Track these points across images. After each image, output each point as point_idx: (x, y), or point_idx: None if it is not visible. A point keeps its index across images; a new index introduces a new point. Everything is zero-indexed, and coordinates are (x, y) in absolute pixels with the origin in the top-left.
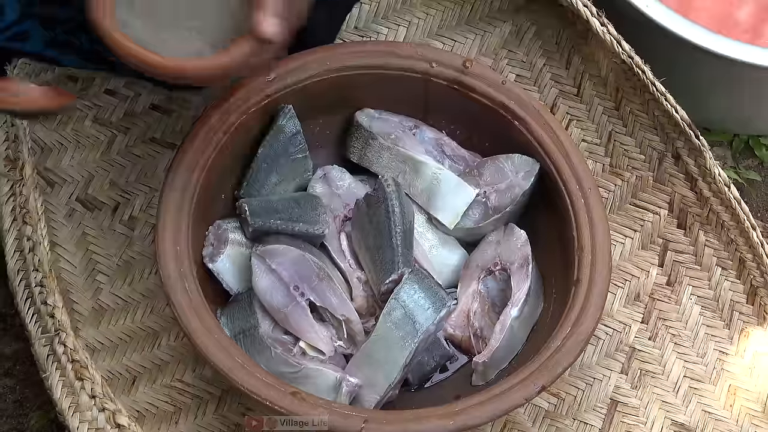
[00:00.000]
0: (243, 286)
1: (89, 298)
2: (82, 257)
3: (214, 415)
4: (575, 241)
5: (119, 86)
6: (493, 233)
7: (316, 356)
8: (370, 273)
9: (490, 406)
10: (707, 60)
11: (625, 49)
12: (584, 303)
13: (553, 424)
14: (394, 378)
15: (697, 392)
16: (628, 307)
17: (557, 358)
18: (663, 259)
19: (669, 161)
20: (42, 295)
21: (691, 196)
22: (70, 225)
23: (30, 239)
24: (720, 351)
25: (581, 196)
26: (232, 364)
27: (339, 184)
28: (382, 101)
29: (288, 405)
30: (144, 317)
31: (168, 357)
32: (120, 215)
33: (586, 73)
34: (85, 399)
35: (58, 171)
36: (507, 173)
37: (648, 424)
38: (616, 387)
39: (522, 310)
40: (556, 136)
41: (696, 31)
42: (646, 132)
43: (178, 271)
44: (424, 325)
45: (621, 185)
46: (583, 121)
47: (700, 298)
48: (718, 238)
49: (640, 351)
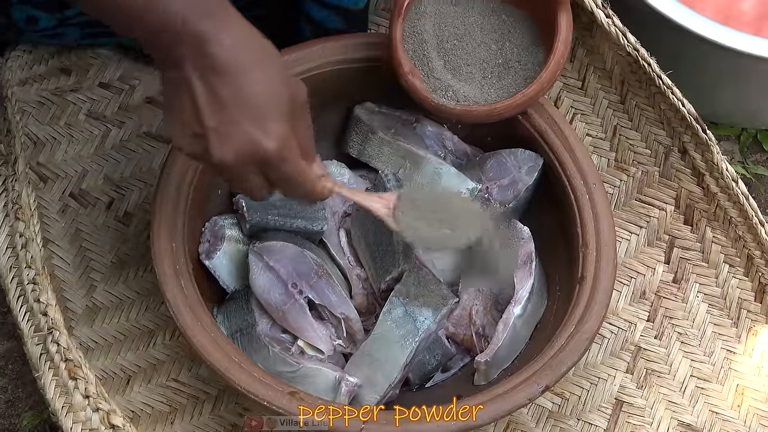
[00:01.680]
0: (240, 284)
1: (83, 295)
2: (76, 254)
3: (211, 415)
4: (579, 237)
5: (114, 79)
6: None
7: (315, 355)
8: (369, 270)
9: (493, 406)
10: (714, 52)
11: (631, 41)
12: (589, 301)
13: (557, 425)
14: (394, 377)
15: (704, 392)
16: (634, 305)
17: (561, 357)
18: (669, 256)
19: (675, 156)
20: (35, 292)
21: (698, 191)
22: (63, 221)
23: (22, 235)
24: (727, 350)
25: (586, 192)
26: (229, 363)
27: (338, 180)
28: (382, 95)
29: (286, 405)
30: (139, 315)
31: (163, 356)
32: (114, 211)
33: (591, 65)
34: (78, 399)
35: (51, 166)
36: (510, 168)
37: (654, 424)
38: (622, 387)
39: (525, 308)
40: (560, 130)
41: (702, 23)
42: (651, 126)
43: (174, 268)
44: (425, 323)
45: (626, 180)
46: (587, 115)
47: (707, 296)
48: (726, 235)
49: (645, 350)
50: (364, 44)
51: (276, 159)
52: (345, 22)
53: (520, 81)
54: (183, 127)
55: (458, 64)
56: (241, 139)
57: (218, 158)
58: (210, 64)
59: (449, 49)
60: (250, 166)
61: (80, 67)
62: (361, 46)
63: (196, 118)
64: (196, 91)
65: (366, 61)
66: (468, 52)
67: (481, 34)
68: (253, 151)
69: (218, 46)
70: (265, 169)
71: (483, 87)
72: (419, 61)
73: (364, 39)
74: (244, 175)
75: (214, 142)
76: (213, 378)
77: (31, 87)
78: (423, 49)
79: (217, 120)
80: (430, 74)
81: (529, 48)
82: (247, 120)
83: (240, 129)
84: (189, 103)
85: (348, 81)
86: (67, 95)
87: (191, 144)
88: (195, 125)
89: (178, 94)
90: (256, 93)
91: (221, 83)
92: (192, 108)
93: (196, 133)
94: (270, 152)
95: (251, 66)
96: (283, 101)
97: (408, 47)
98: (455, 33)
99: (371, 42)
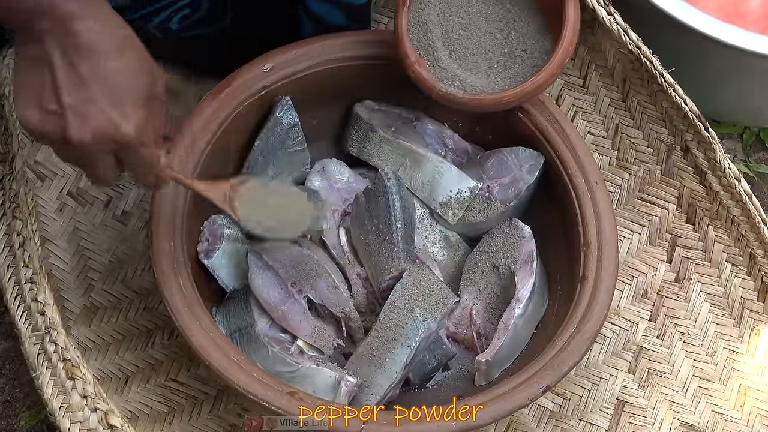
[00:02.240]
0: (239, 283)
1: (81, 295)
2: (74, 253)
3: (210, 415)
4: (581, 236)
5: None
6: (496, 228)
7: (314, 355)
8: (369, 269)
9: (493, 406)
10: (716, 50)
11: (633, 39)
12: (590, 300)
13: (558, 425)
14: (394, 377)
15: (707, 392)
16: (636, 304)
17: (562, 357)
18: (671, 255)
19: (677, 154)
20: (32, 292)
21: (700, 190)
22: (61, 220)
23: (20, 234)
24: (730, 350)
25: (587, 191)
26: (228, 363)
27: (338, 178)
28: (382, 92)
29: (285, 405)
30: (137, 315)
31: (162, 356)
32: (113, 210)
33: (593, 63)
34: (76, 399)
35: (48, 164)
36: (511, 167)
37: (656, 424)
38: (623, 387)
39: (526, 308)
40: (561, 128)
41: (705, 21)
42: (653, 124)
43: (173, 267)
44: (425, 323)
45: (628, 179)
46: (589, 113)
47: (709, 296)
48: (729, 234)
49: (647, 350)
50: (364, 42)
51: (136, 143)
52: (346, 18)
53: (526, 70)
54: (38, 104)
55: (464, 53)
56: (100, 119)
57: (76, 137)
58: (73, 42)
59: (454, 39)
60: (105, 147)
61: None
62: (361, 44)
63: (54, 93)
64: (56, 66)
65: (366, 58)
66: (473, 42)
67: (486, 24)
68: (113, 132)
69: (83, 26)
70: (121, 152)
71: (489, 76)
72: (424, 51)
73: (364, 36)
74: (97, 157)
75: (71, 120)
76: (212, 378)
77: None
78: (428, 39)
79: (76, 97)
80: (435, 64)
81: (535, 36)
82: (106, 100)
83: (99, 109)
84: (48, 79)
85: (348, 78)
86: None
87: (43, 121)
88: (51, 102)
89: (35, 69)
90: (117, 75)
91: (83, 62)
92: (51, 83)
93: (51, 110)
94: (129, 136)
95: (114, 49)
96: (143, 86)
97: (413, 37)
98: (460, 22)
99: (371, 39)
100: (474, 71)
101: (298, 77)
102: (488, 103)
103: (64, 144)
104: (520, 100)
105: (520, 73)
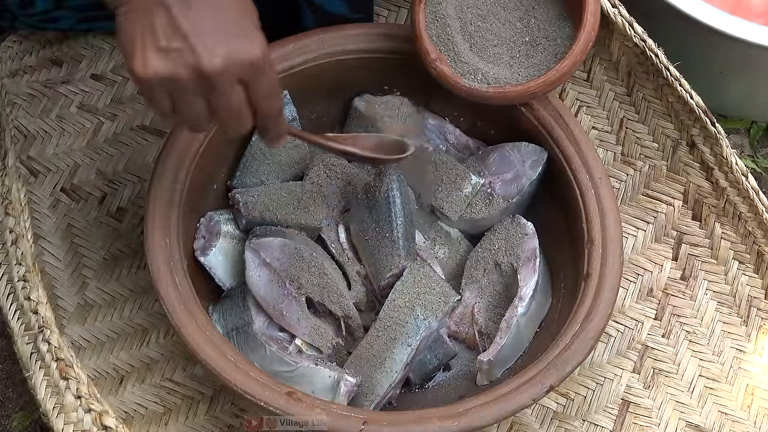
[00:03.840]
0: (236, 281)
1: (75, 293)
2: (68, 250)
3: (206, 416)
4: (585, 233)
5: (106, 71)
6: (498, 225)
7: (313, 354)
8: (369, 267)
9: (496, 406)
10: (723, 43)
11: (638, 32)
12: (594, 299)
13: (562, 426)
14: (394, 377)
15: (713, 392)
16: (641, 302)
17: (566, 356)
18: (677, 252)
19: (683, 149)
20: (25, 290)
21: (706, 186)
22: (54, 216)
23: (12, 231)
24: (737, 349)
25: (591, 187)
26: (225, 362)
27: (337, 173)
28: (382, 86)
29: (283, 406)
30: (132, 313)
31: (157, 355)
32: (107, 206)
33: (597, 57)
34: (70, 399)
35: (41, 160)
36: (513, 162)
37: (661, 425)
38: (628, 387)
39: (529, 306)
40: (565, 123)
41: (711, 13)
42: (659, 119)
43: (168, 265)
44: (426, 321)
45: (633, 175)
46: (593, 108)
47: (716, 294)
48: (735, 231)
49: (653, 349)
50: (363, 35)
51: (264, 63)
52: (347, 7)
53: (550, 57)
54: (156, 48)
55: (484, 45)
56: (229, 44)
57: (209, 66)
58: None
59: (473, 32)
60: (238, 72)
61: (72, 59)
62: (360, 37)
63: (174, 30)
64: (169, 3)
65: (366, 52)
66: (493, 33)
67: (505, 13)
68: (245, 54)
69: None
70: (251, 79)
71: (512, 67)
72: (444, 46)
73: (363, 30)
74: (228, 88)
75: (200, 49)
76: (208, 378)
77: (21, 79)
78: (447, 34)
79: (199, 27)
80: (456, 59)
81: (556, 22)
82: (229, 26)
83: (224, 34)
84: (162, 19)
85: (347, 72)
86: (59, 87)
87: (169, 62)
88: (173, 39)
89: (143, 17)
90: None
91: None
92: (167, 22)
93: (174, 47)
94: (259, 56)
95: None
96: (253, 13)
97: (431, 33)
98: (478, 14)
99: (371, 33)
100: (496, 63)
101: (297, 71)
102: (513, 95)
103: (197, 77)
104: (545, 89)
105: (543, 61)
